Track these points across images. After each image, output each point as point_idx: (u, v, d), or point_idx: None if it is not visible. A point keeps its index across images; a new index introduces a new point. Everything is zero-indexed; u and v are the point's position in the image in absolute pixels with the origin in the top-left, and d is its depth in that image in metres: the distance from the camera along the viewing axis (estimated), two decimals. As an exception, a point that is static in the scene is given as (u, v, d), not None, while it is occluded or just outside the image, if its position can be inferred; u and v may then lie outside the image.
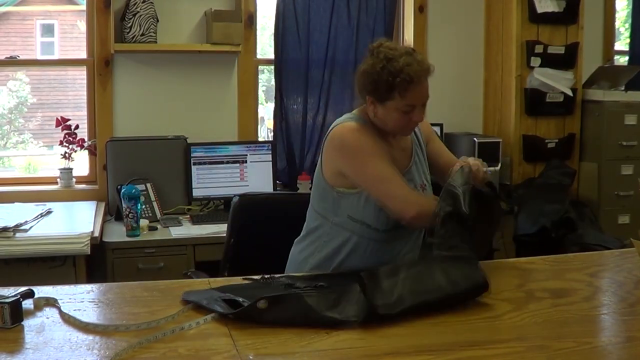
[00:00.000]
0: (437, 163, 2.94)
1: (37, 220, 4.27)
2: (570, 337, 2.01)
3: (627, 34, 6.44)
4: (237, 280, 2.52)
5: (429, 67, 2.66)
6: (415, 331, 2.05)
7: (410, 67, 2.60)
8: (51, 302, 2.20)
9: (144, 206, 4.56)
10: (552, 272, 2.76)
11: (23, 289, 2.17)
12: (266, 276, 2.51)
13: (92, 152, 4.94)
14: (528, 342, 1.98)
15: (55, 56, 5.56)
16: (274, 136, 5.34)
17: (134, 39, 4.73)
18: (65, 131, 4.84)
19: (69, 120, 4.86)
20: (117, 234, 4.32)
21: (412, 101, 2.62)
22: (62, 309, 2.14)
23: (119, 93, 4.96)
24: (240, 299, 2.14)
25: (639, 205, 5.46)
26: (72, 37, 5.56)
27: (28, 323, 2.05)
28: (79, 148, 4.87)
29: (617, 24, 6.37)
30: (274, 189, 4.94)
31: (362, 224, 2.72)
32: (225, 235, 3.55)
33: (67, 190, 4.90)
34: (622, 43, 6.52)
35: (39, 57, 6.86)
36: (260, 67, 5.48)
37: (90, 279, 4.02)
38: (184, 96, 5.11)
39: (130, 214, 4.25)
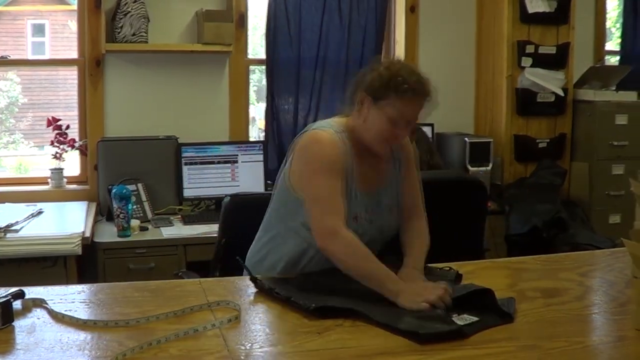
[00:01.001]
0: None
1: (27, 221, 4.26)
2: (562, 337, 2.01)
3: (619, 33, 6.46)
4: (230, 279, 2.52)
5: (429, 91, 2.62)
6: (406, 331, 2.05)
7: (414, 79, 2.57)
8: (41, 303, 2.20)
9: (135, 206, 4.56)
10: (544, 271, 2.77)
11: (14, 289, 2.17)
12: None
13: (83, 152, 4.93)
14: (520, 341, 1.99)
15: (46, 56, 5.55)
16: (265, 136, 5.33)
17: (125, 38, 4.72)
18: (56, 131, 4.83)
19: (59, 120, 4.85)
20: (108, 234, 4.31)
21: (405, 109, 2.55)
22: (54, 309, 2.13)
23: (110, 93, 4.95)
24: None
25: (630, 204, 5.45)
26: (63, 37, 5.56)
27: (19, 324, 2.05)
28: (69, 148, 4.86)
29: (608, 24, 6.39)
30: (265, 189, 4.93)
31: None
32: (216, 235, 3.55)
33: (58, 190, 4.89)
34: (613, 43, 6.55)
35: (30, 57, 6.84)
36: (252, 67, 5.48)
37: (81, 280, 4.02)
38: (175, 96, 5.10)
39: (121, 214, 4.24)
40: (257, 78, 6.11)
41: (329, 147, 2.59)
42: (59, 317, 2.09)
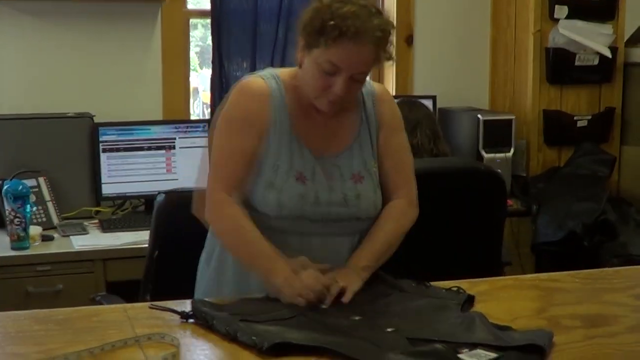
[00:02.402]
0: (379, 166, 2.92)
1: None
2: (611, 380, 2.02)
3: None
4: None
5: (376, 31, 2.66)
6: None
7: (353, 18, 2.63)
8: None
9: (35, 208, 4.53)
10: (585, 292, 2.78)
11: None
12: None
13: (-36, 135, 4.90)
14: (554, 386, 1.99)
15: None
16: (212, 113, 5.32)
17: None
18: None
19: None
20: (-1, 245, 4.29)
21: (336, 59, 2.65)
22: None
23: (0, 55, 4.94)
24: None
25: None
26: None
27: None
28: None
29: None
30: (212, 184, 4.93)
31: (252, 208, 2.78)
32: (146, 246, 3.54)
33: None
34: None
35: None
36: (193, 21, 5.47)
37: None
38: (89, 60, 5.08)
39: (15, 219, 4.21)
40: (200, 35, 6.10)
41: (249, 97, 2.82)
42: None
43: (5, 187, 4.30)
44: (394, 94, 5.46)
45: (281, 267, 2.56)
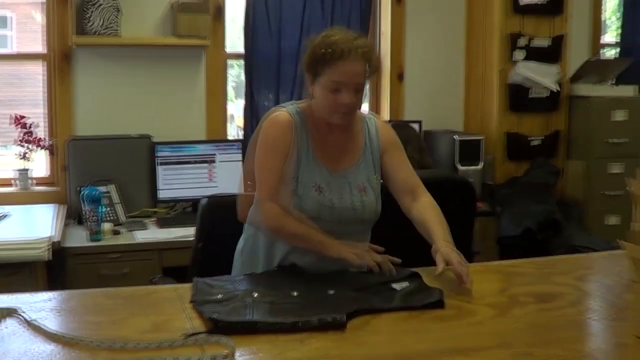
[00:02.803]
0: (392, 178, 2.97)
1: (-8, 225, 4.24)
2: (557, 344, 2.02)
3: (616, 25, 6.48)
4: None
5: (359, 49, 2.74)
6: (393, 338, 2.06)
7: (341, 42, 2.73)
8: (11, 312, 2.18)
9: (106, 209, 4.55)
10: (537, 275, 2.78)
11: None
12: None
13: (52, 151, 4.91)
14: (512, 348, 1.99)
15: (11, 50, 5.51)
16: (245, 134, 5.33)
17: (95, 31, 4.70)
18: (22, 129, 4.81)
19: (24, 117, 4.83)
20: (79, 238, 4.30)
21: (338, 77, 2.73)
22: (26, 317, 2.12)
23: (80, 89, 4.94)
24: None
25: (629, 205, 5.48)
26: (29, 30, 5.52)
27: (-17, 334, 2.04)
28: (36, 147, 4.83)
29: (607, 14, 6.42)
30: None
31: None
32: (193, 239, 3.55)
33: (24, 192, 4.87)
34: (611, 35, 6.56)
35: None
36: (230, 62, 5.48)
37: (49, 287, 3.99)
38: (149, 92, 5.09)
39: (92, 217, 4.23)
40: (236, 73, 6.10)
41: (277, 128, 2.85)
42: (32, 327, 2.07)
43: (83, 192, 4.33)
44: (388, 119, 5.47)
45: (344, 245, 2.70)
